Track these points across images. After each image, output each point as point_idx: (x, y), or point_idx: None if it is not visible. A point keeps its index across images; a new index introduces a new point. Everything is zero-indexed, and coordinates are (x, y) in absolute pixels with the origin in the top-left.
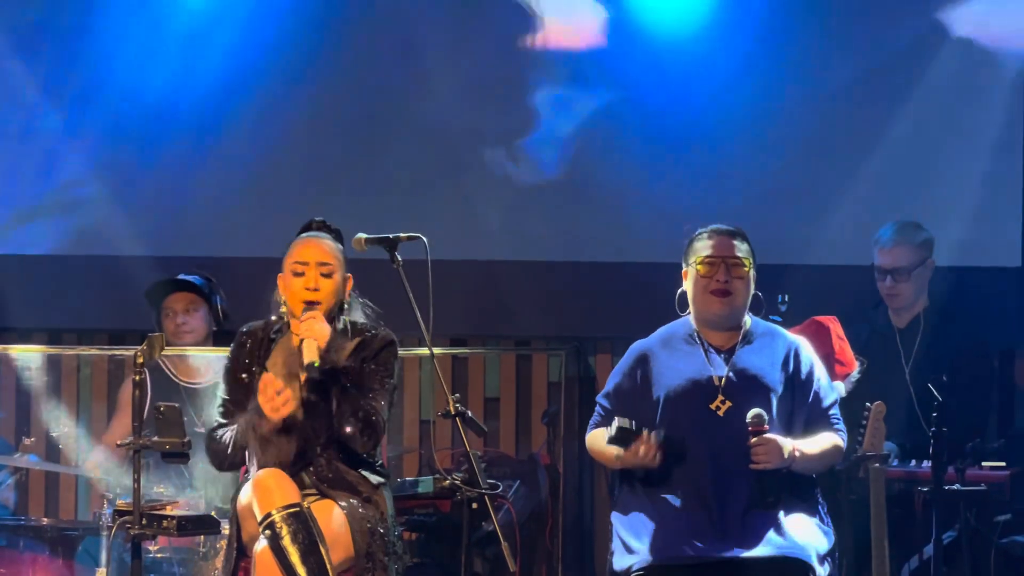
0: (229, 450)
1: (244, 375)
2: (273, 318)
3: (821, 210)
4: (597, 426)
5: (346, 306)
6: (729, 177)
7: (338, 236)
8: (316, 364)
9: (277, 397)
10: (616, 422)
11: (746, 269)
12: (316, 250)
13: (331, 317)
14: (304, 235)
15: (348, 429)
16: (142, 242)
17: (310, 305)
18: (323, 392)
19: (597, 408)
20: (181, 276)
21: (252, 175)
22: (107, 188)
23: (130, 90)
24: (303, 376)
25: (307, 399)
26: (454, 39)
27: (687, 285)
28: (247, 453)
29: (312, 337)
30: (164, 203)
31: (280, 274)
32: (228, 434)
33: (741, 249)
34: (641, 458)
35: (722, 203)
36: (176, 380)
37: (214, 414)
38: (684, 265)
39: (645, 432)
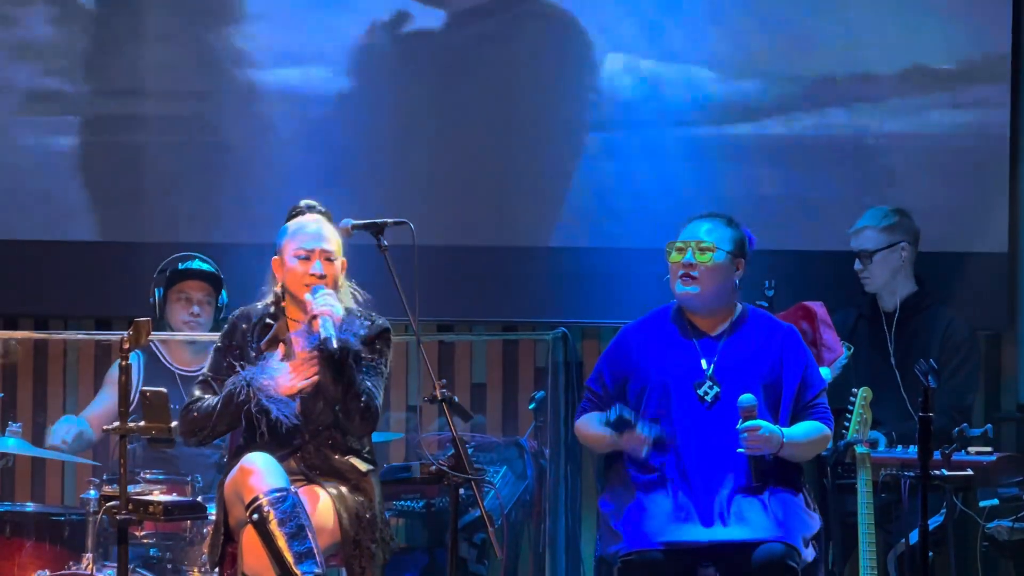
0: (212, 419)
1: (232, 358)
2: (269, 300)
3: (808, 195)
4: (585, 411)
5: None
6: (715, 163)
7: (330, 219)
8: (334, 341)
9: (303, 372)
10: (618, 409)
11: (711, 254)
12: (319, 237)
13: None
14: (302, 219)
15: (351, 412)
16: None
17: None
18: (336, 372)
19: (586, 394)
20: (200, 265)
21: (238, 160)
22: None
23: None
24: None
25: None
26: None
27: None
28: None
29: (328, 314)
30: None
31: (275, 258)
32: (209, 402)
33: (713, 233)
34: (630, 448)
35: (708, 189)
36: (170, 367)
37: (194, 390)
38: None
39: (639, 428)
